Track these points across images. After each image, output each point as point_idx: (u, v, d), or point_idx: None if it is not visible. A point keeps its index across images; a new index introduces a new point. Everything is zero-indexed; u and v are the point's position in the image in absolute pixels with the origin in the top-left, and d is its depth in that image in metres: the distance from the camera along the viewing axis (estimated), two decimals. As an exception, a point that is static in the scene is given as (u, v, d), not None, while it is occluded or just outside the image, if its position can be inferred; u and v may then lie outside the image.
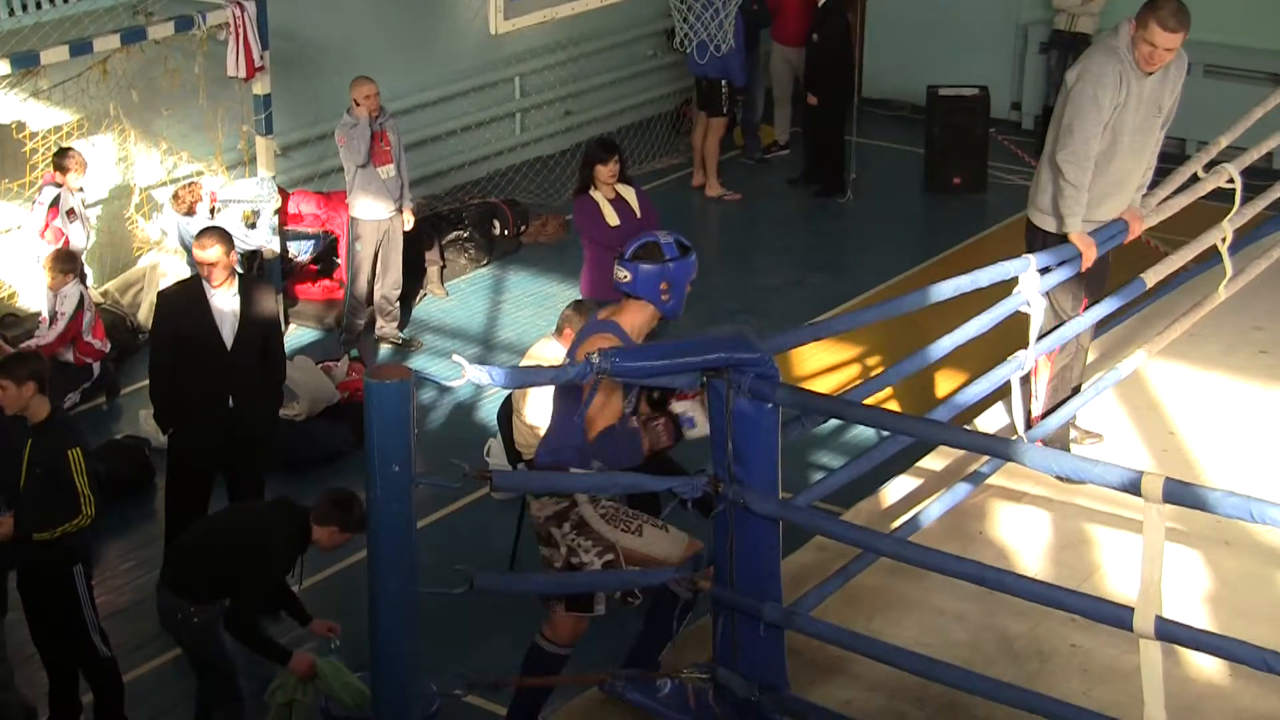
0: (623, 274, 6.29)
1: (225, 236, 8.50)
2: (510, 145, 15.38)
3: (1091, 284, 7.73)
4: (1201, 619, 6.65)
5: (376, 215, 11.65)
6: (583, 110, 16.06)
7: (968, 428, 7.97)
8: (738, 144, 16.12)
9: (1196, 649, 5.53)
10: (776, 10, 15.65)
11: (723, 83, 14.78)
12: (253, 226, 11.81)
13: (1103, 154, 7.43)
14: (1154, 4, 7.17)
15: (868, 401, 6.92)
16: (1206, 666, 6.32)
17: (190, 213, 11.74)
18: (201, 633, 7.30)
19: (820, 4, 14.99)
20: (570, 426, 6.25)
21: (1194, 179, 8.24)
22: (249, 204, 11.81)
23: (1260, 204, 8.95)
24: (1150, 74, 7.31)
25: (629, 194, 10.30)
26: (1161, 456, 8.01)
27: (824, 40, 14.98)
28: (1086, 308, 7.75)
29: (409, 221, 11.84)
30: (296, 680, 7.27)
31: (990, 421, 8.39)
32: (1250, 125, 8.71)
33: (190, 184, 11.99)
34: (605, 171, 10.18)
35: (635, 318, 6.33)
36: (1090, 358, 8.22)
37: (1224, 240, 8.28)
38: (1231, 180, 8.19)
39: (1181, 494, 5.12)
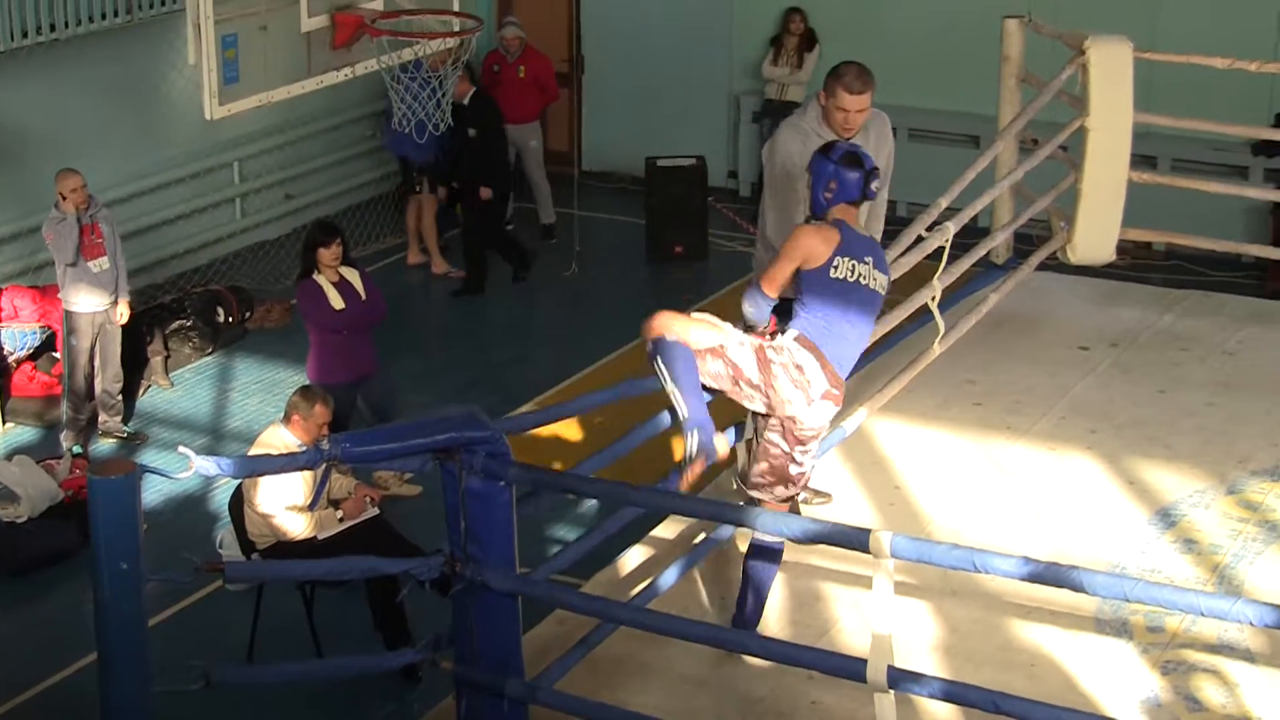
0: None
1: None
2: (231, 231, 15.18)
3: None
4: (933, 666, 6.82)
5: (91, 308, 11.39)
6: (303, 193, 15.94)
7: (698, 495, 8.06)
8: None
9: (929, 696, 5.69)
10: (494, 89, 15.55)
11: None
12: None
13: None
14: (836, 72, 7.38)
15: (603, 472, 6.95)
16: (940, 711, 6.48)
17: None
18: None
19: (466, 100, 14.20)
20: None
21: (918, 240, 8.51)
22: None
23: (967, 261, 9.28)
24: (848, 139, 7.47)
25: (353, 276, 10.26)
26: (888, 510, 8.20)
27: (480, 133, 14.48)
28: None
29: (124, 315, 11.58)
30: None
31: (729, 481, 8.50)
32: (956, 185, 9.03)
33: None
34: (328, 254, 10.13)
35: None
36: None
37: (934, 298, 8.56)
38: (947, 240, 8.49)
39: (908, 549, 5.30)
